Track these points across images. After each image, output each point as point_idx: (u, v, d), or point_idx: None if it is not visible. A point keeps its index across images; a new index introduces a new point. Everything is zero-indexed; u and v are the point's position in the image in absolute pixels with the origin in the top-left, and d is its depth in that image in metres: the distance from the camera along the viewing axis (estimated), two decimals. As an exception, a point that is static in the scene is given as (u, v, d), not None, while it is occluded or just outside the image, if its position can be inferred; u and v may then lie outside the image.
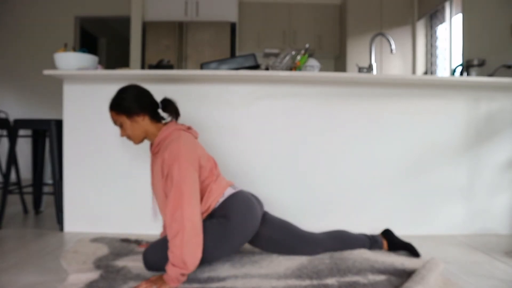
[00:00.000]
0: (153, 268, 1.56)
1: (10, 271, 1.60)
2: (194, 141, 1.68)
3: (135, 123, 1.65)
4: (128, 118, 1.65)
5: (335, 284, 1.47)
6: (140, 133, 1.68)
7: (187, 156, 1.54)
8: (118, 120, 1.66)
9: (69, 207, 2.27)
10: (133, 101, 1.65)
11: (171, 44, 4.44)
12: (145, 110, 1.66)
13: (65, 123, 2.27)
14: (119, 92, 1.69)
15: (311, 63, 2.31)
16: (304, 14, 4.76)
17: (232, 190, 1.70)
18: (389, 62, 4.51)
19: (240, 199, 1.67)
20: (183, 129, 1.70)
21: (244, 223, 1.62)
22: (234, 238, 1.60)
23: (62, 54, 2.15)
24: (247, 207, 1.66)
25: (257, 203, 1.74)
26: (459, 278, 1.59)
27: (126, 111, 1.64)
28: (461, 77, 2.34)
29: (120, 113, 1.65)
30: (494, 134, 2.33)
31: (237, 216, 1.60)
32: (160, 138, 1.65)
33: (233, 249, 1.64)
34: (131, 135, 1.67)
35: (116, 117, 1.67)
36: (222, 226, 1.57)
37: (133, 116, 1.64)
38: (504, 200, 2.33)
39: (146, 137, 1.71)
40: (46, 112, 4.69)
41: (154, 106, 1.72)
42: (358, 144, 2.30)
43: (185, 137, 1.63)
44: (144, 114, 1.66)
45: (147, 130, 1.68)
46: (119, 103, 1.65)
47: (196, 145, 1.66)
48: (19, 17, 4.88)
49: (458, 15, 3.84)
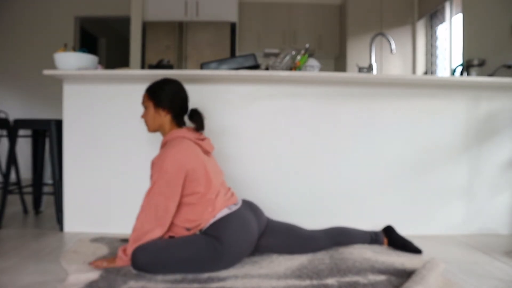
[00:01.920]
0: (141, 269, 1.55)
1: (10, 271, 1.60)
2: (192, 155, 1.67)
3: (157, 114, 1.76)
4: (154, 107, 1.75)
5: (335, 284, 1.47)
6: (156, 125, 1.78)
7: (170, 170, 1.61)
8: (146, 103, 1.78)
9: (69, 207, 2.27)
10: (167, 96, 1.75)
11: (171, 44, 4.44)
12: (172, 109, 1.76)
13: (65, 123, 2.27)
14: (162, 82, 1.79)
15: (311, 63, 2.31)
16: (304, 14, 4.76)
17: (228, 210, 1.67)
18: (389, 62, 4.51)
19: (236, 221, 1.64)
20: (191, 139, 1.72)
21: (237, 248, 1.61)
22: (226, 260, 1.60)
23: (62, 54, 2.15)
24: (242, 229, 1.64)
25: (254, 220, 1.72)
26: (459, 278, 1.59)
27: (156, 100, 1.75)
28: (461, 77, 2.34)
29: (151, 99, 1.76)
30: (494, 134, 2.33)
31: (230, 240, 1.58)
32: (166, 138, 1.75)
33: (224, 268, 1.62)
34: (148, 122, 1.79)
35: (145, 100, 1.79)
36: (214, 248, 1.56)
37: (159, 108, 1.75)
38: (504, 200, 2.33)
39: (159, 131, 1.80)
40: (46, 112, 4.69)
41: (182, 110, 1.80)
42: (358, 144, 2.30)
43: (184, 147, 1.66)
44: (169, 111, 1.76)
45: (163, 125, 1.77)
46: (155, 91, 1.76)
47: (191, 160, 1.65)
48: (19, 17, 4.88)
49: (458, 15, 3.84)
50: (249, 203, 1.82)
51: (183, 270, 1.55)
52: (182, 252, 1.55)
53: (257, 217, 1.76)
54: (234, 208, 1.69)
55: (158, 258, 1.54)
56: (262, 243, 1.76)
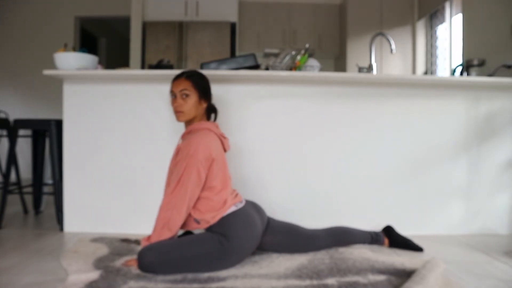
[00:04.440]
0: (148, 270, 1.55)
1: (10, 271, 1.60)
2: (217, 147, 1.72)
3: (198, 104, 1.75)
4: (198, 96, 1.73)
5: (335, 284, 1.47)
6: (193, 114, 1.74)
7: (200, 156, 1.61)
8: (188, 91, 1.72)
9: (69, 207, 2.27)
10: (209, 87, 1.80)
11: (171, 44, 4.44)
12: (209, 100, 1.81)
13: (65, 123, 2.27)
14: (200, 73, 1.80)
15: (311, 63, 2.31)
16: (304, 14, 4.76)
17: (234, 208, 1.69)
18: (389, 62, 4.51)
19: (242, 217, 1.66)
20: (217, 132, 1.76)
21: (244, 244, 1.62)
22: (233, 257, 1.61)
23: (62, 54, 2.15)
24: (249, 226, 1.66)
25: (258, 218, 1.74)
26: (459, 278, 1.59)
27: (202, 90, 1.75)
28: (461, 77, 2.34)
29: (196, 88, 1.73)
30: (494, 134, 2.33)
31: (237, 236, 1.60)
32: (193, 127, 1.74)
33: (231, 265, 1.63)
34: (187, 111, 1.72)
35: (189, 88, 1.72)
36: (221, 245, 1.57)
37: (202, 98, 1.75)
38: (504, 200, 2.33)
39: (191, 121, 1.77)
40: (46, 112, 4.68)
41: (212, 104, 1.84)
42: (358, 144, 2.30)
43: (211, 138, 1.69)
44: (208, 102, 1.79)
45: (197, 116, 1.77)
46: (200, 81, 1.76)
47: (217, 151, 1.69)
48: (19, 17, 4.87)
49: (458, 15, 3.84)
50: (252, 203, 1.83)
51: (191, 269, 1.56)
52: (189, 251, 1.56)
53: (260, 216, 1.77)
54: (240, 206, 1.72)
55: (166, 258, 1.54)
56: (264, 241, 1.77)
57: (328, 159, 2.29)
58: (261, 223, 1.74)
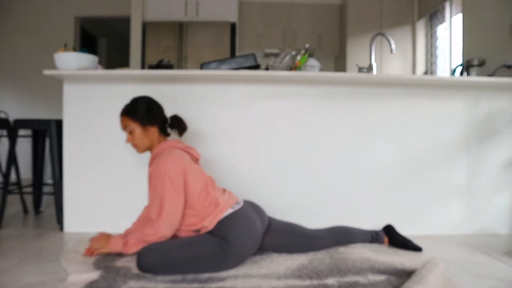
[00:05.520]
0: (147, 270, 1.55)
1: (10, 271, 1.60)
2: (185, 160, 1.70)
3: (146, 132, 1.73)
4: (140, 126, 1.73)
5: (335, 284, 1.47)
6: (147, 143, 1.76)
7: (171, 174, 1.61)
8: (130, 126, 1.73)
9: (69, 207, 2.27)
10: (148, 111, 1.75)
11: (171, 44, 4.44)
12: (157, 122, 1.76)
13: (65, 123, 2.27)
14: (135, 100, 1.77)
15: (311, 63, 2.31)
16: (304, 14, 4.76)
17: (231, 210, 1.68)
18: (389, 62, 4.51)
19: (240, 219, 1.66)
20: (180, 147, 1.75)
21: (243, 246, 1.62)
22: (232, 259, 1.61)
23: (62, 54, 2.15)
24: (248, 227, 1.65)
25: (258, 219, 1.73)
26: (459, 278, 1.59)
27: (141, 119, 1.72)
28: (461, 77, 2.33)
29: (135, 120, 1.72)
30: (494, 134, 2.33)
31: (236, 238, 1.60)
32: (155, 152, 1.74)
33: (231, 267, 1.63)
34: (139, 143, 1.75)
35: (128, 123, 1.74)
36: (222, 249, 1.57)
37: (146, 126, 1.73)
38: (504, 200, 2.33)
39: (150, 148, 1.78)
40: (46, 112, 4.68)
41: (164, 120, 1.80)
42: (358, 144, 2.30)
43: (176, 155, 1.68)
44: (155, 125, 1.75)
45: (153, 141, 1.76)
46: (135, 111, 1.73)
47: (185, 164, 1.68)
48: (19, 17, 4.87)
49: (458, 15, 3.84)
50: (251, 203, 1.83)
51: (190, 270, 1.56)
52: (188, 253, 1.56)
53: (260, 217, 1.77)
54: (237, 207, 1.70)
55: (165, 259, 1.54)
56: (265, 242, 1.77)
57: (328, 158, 2.29)
58: (261, 224, 1.73)
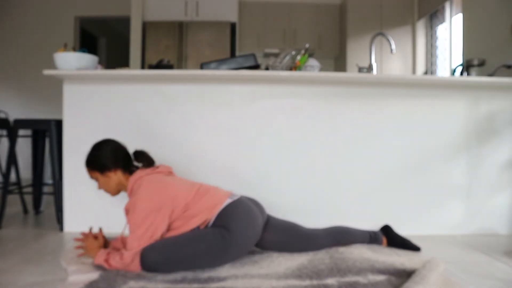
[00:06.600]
0: (151, 269, 1.55)
1: (10, 271, 1.60)
2: (159, 182, 1.68)
3: (108, 178, 1.74)
4: (101, 174, 1.74)
5: (335, 284, 1.47)
6: (115, 187, 1.77)
7: (145, 205, 1.60)
8: (92, 175, 1.76)
9: (69, 207, 2.27)
10: (106, 158, 1.73)
11: (171, 44, 4.44)
12: (118, 165, 1.75)
13: (65, 123, 2.27)
14: (93, 149, 1.77)
15: (311, 63, 2.31)
16: (304, 14, 4.76)
17: (230, 200, 1.69)
18: (389, 62, 4.51)
19: (240, 208, 1.66)
20: (148, 173, 1.73)
21: (245, 235, 1.63)
22: (235, 249, 1.61)
23: (62, 54, 2.15)
24: (248, 216, 1.66)
25: (257, 211, 1.73)
26: (459, 278, 1.59)
27: (99, 168, 1.73)
28: (461, 77, 2.34)
29: (94, 170, 1.74)
30: (494, 134, 2.33)
31: (238, 227, 1.60)
32: (129, 188, 1.72)
33: (234, 259, 1.64)
34: (106, 189, 1.77)
35: (90, 173, 1.76)
36: (223, 238, 1.57)
37: (106, 172, 1.73)
38: (504, 200, 2.33)
39: (122, 189, 1.78)
40: (46, 112, 4.68)
41: (127, 159, 1.79)
42: (358, 144, 2.30)
43: (146, 182, 1.66)
44: (116, 169, 1.74)
45: (120, 183, 1.76)
46: (92, 160, 1.74)
47: (161, 185, 1.66)
48: (19, 17, 4.88)
49: (458, 15, 3.84)
50: (250, 198, 1.83)
51: (195, 265, 1.56)
52: (192, 247, 1.56)
53: (260, 209, 1.77)
54: (235, 198, 1.71)
55: (169, 255, 1.54)
56: (263, 239, 1.76)
57: (328, 158, 2.29)
58: (261, 216, 1.74)
